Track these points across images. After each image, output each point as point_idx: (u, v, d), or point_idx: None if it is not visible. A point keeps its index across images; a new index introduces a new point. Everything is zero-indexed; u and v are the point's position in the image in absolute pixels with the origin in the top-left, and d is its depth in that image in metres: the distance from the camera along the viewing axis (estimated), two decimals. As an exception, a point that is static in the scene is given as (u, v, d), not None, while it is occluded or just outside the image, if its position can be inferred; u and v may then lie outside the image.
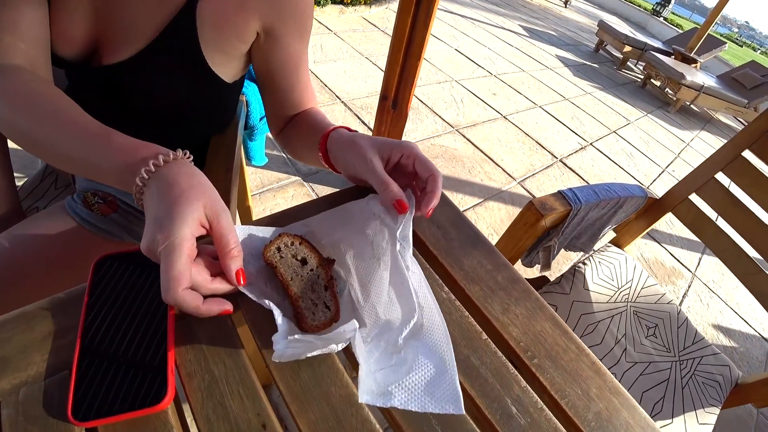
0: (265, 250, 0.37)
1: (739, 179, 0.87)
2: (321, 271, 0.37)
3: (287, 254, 0.37)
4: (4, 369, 0.31)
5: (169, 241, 0.30)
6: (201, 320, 0.33)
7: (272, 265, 0.36)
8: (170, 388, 0.29)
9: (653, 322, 0.93)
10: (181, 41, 0.47)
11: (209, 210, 0.33)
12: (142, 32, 0.47)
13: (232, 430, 0.29)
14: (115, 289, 0.34)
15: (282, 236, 0.38)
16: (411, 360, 0.33)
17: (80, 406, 0.28)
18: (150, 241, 0.31)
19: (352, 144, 0.43)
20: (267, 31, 0.50)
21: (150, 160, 0.34)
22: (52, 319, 0.33)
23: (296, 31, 0.52)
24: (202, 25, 0.47)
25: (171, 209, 0.31)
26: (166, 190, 0.32)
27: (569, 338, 0.41)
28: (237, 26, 0.48)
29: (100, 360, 0.30)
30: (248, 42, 0.51)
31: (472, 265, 0.43)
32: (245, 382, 0.31)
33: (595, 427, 0.36)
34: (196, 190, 0.33)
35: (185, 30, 0.47)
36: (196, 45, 0.48)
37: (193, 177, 0.34)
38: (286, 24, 0.50)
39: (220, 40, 0.49)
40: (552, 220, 0.70)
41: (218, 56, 0.51)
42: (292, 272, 0.36)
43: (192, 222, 0.31)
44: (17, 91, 0.40)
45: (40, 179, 0.77)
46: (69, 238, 0.56)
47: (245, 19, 0.48)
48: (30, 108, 0.40)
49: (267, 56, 0.53)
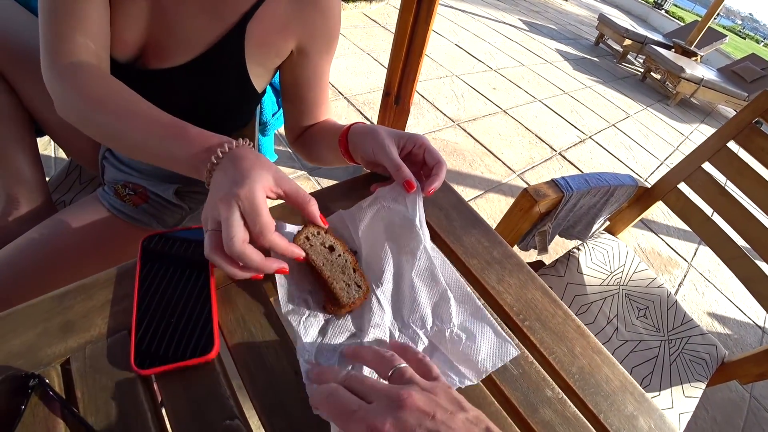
0: (295, 239, 0.41)
1: (725, 169, 0.92)
2: (348, 256, 0.41)
3: (316, 242, 0.41)
4: (71, 330, 0.36)
5: (250, 195, 0.35)
6: (238, 288, 0.39)
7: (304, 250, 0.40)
8: (216, 343, 0.35)
9: (644, 305, 0.98)
10: (230, 55, 0.52)
11: (276, 177, 0.39)
12: (196, 43, 0.51)
13: (269, 376, 0.35)
14: (162, 262, 0.40)
15: (308, 226, 0.42)
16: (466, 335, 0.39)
17: (141, 357, 0.34)
18: (225, 195, 0.35)
19: (372, 133, 0.48)
20: (300, 49, 0.56)
21: (221, 147, 0.39)
22: (108, 289, 0.39)
23: (324, 50, 0.57)
24: (249, 43, 0.52)
25: (246, 173, 0.36)
26: (239, 162, 0.38)
27: (557, 305, 0.46)
28: (277, 45, 0.54)
29: (155, 320, 0.36)
30: (283, 58, 0.57)
31: (471, 242, 0.49)
32: (279, 337, 0.37)
33: (578, 379, 0.41)
34: (264, 162, 0.39)
35: (235, 45, 0.52)
36: (242, 59, 0.53)
37: (259, 155, 0.40)
38: (316, 43, 0.55)
39: (261, 55, 0.54)
40: (546, 205, 0.75)
41: (257, 69, 0.56)
42: (323, 258, 0.40)
43: (265, 185, 0.37)
44: (93, 88, 0.44)
45: (65, 174, 0.82)
46: (103, 226, 0.61)
47: (285, 39, 0.53)
48: (106, 103, 0.44)
49: (295, 71, 0.58)
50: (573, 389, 0.40)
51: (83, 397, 0.32)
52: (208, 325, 0.36)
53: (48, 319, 0.36)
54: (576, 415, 0.39)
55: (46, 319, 0.35)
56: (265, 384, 0.34)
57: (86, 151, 0.73)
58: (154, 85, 0.55)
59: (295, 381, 0.35)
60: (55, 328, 0.35)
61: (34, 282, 0.54)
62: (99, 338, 0.36)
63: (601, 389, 0.41)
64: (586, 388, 0.41)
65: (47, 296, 0.37)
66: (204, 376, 0.34)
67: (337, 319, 0.39)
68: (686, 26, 5.67)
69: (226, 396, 0.33)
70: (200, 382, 0.34)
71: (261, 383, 0.34)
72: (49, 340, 0.34)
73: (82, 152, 0.74)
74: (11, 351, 0.33)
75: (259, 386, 0.34)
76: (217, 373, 0.34)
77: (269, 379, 0.35)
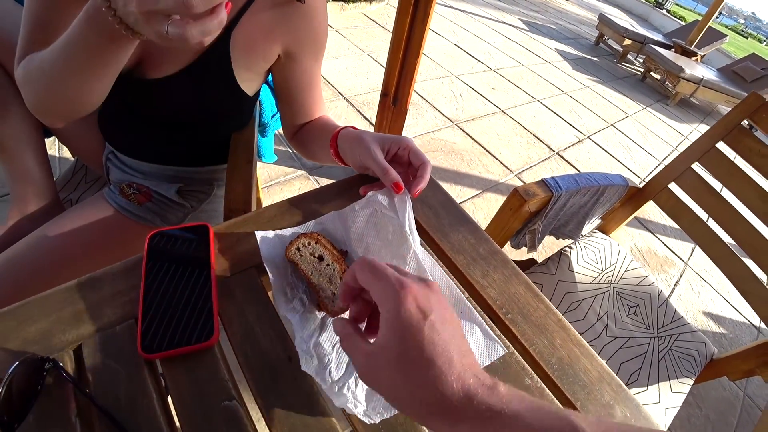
0: (286, 250, 0.44)
1: (714, 169, 0.94)
2: (336, 265, 0.43)
3: (306, 253, 0.44)
4: (81, 319, 0.39)
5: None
6: (238, 281, 0.41)
7: (294, 263, 0.43)
8: (216, 330, 0.38)
9: (635, 302, 1.01)
10: (217, 62, 0.55)
11: None
12: (183, 53, 0.54)
13: (264, 361, 0.37)
14: (166, 257, 0.42)
15: (300, 237, 0.45)
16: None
17: (147, 343, 0.37)
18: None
19: (358, 139, 0.51)
20: (287, 54, 0.58)
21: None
22: (116, 281, 0.41)
23: (312, 53, 0.60)
24: (234, 49, 0.55)
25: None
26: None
27: (539, 299, 0.48)
28: (263, 50, 0.57)
29: (160, 310, 0.39)
30: (271, 62, 0.60)
31: (458, 239, 0.51)
32: (274, 326, 0.40)
33: (557, 369, 0.44)
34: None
35: (221, 53, 0.55)
36: (229, 66, 0.56)
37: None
38: (303, 48, 0.58)
39: (248, 61, 0.57)
40: (535, 205, 0.78)
41: (245, 74, 0.59)
42: (311, 268, 0.43)
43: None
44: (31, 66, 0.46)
45: (71, 174, 0.85)
46: (110, 223, 0.64)
47: (270, 44, 0.56)
48: (41, 67, 0.44)
49: (285, 74, 0.61)
50: (552, 379, 0.43)
51: (93, 379, 0.35)
52: (209, 314, 0.39)
53: (61, 308, 0.38)
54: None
55: (60, 308, 0.38)
56: (261, 368, 0.37)
57: (91, 151, 0.76)
58: (151, 94, 0.58)
59: (288, 365, 0.38)
60: (68, 317, 0.38)
61: (46, 276, 0.57)
62: (108, 326, 0.38)
63: (579, 379, 0.44)
64: (565, 378, 0.43)
65: (60, 288, 0.40)
66: (205, 360, 0.37)
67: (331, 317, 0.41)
68: (687, 26, 5.67)
69: (225, 379, 0.36)
70: (201, 366, 0.37)
71: (257, 367, 0.37)
72: (63, 328, 0.37)
73: (87, 153, 0.77)
74: (27, 338, 0.36)
75: (255, 370, 0.37)
76: (217, 358, 0.37)
77: (265, 364, 0.37)
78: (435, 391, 0.25)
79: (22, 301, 0.38)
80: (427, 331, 0.26)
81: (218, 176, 0.76)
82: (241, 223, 0.48)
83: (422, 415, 0.26)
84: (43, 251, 0.59)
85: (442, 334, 0.27)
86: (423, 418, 0.26)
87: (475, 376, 0.26)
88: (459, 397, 0.25)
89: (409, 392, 0.26)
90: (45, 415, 0.33)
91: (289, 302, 0.41)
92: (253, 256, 0.44)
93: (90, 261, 0.62)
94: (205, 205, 0.74)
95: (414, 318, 0.26)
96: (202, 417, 0.34)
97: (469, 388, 0.25)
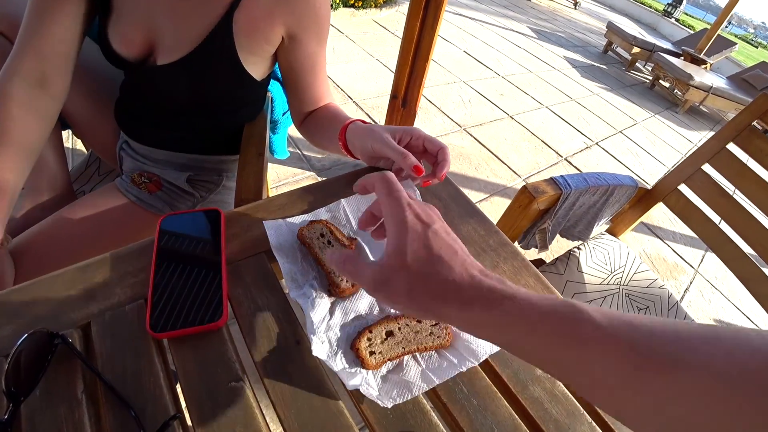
0: (299, 232, 0.45)
1: (724, 170, 0.93)
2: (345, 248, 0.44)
3: (315, 236, 0.45)
4: (92, 298, 0.39)
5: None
6: (247, 266, 0.41)
7: (306, 244, 0.44)
8: (225, 312, 0.38)
9: (644, 304, 0.99)
10: (221, 46, 0.56)
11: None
12: (189, 38, 0.56)
13: (272, 344, 0.37)
14: (178, 239, 0.43)
15: (311, 224, 0.46)
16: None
17: (156, 322, 0.37)
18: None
19: (369, 131, 0.51)
20: (290, 36, 0.59)
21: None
22: (127, 262, 0.42)
23: (315, 35, 0.60)
24: (237, 32, 0.56)
25: None
26: None
27: (550, 292, 0.48)
28: (265, 32, 0.57)
29: (169, 290, 0.39)
30: (275, 45, 0.60)
31: (468, 230, 0.51)
32: (283, 309, 0.39)
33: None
34: None
35: (224, 36, 0.56)
36: (233, 49, 0.57)
37: None
38: (306, 30, 0.59)
39: (251, 44, 0.58)
40: (544, 203, 0.77)
41: (250, 57, 0.60)
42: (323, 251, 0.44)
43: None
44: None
45: (85, 166, 0.87)
46: (121, 211, 0.65)
47: (272, 26, 0.57)
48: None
49: (289, 57, 0.62)
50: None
51: (101, 356, 0.35)
52: (218, 295, 0.39)
53: (71, 287, 0.39)
54: (565, 394, 0.41)
55: (70, 287, 0.39)
56: (269, 351, 0.37)
57: (106, 144, 0.77)
58: (160, 80, 0.60)
59: (296, 349, 0.37)
60: (78, 296, 0.38)
61: (57, 258, 0.57)
62: (118, 306, 0.39)
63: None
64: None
65: (71, 267, 0.40)
66: (213, 341, 0.37)
67: (342, 301, 0.41)
68: (695, 34, 5.65)
69: (233, 360, 0.36)
70: (209, 346, 0.36)
71: (264, 350, 0.37)
72: (72, 306, 0.37)
73: (102, 145, 0.78)
74: (38, 315, 0.36)
75: (263, 353, 0.37)
76: (225, 340, 0.37)
77: (272, 347, 0.37)
78: (446, 280, 0.28)
79: (34, 280, 0.38)
80: (431, 235, 0.30)
81: (227, 167, 0.76)
82: (253, 210, 0.48)
83: (436, 308, 0.28)
84: (54, 239, 0.60)
85: (446, 238, 0.30)
86: (437, 311, 0.28)
87: (480, 269, 0.29)
88: (468, 282, 0.28)
89: (423, 287, 0.28)
90: (52, 389, 0.33)
91: (299, 288, 0.41)
92: (263, 242, 0.44)
93: (101, 247, 0.62)
94: (213, 195, 0.74)
95: (419, 225, 0.30)
96: (207, 396, 0.34)
97: (476, 275, 0.28)
